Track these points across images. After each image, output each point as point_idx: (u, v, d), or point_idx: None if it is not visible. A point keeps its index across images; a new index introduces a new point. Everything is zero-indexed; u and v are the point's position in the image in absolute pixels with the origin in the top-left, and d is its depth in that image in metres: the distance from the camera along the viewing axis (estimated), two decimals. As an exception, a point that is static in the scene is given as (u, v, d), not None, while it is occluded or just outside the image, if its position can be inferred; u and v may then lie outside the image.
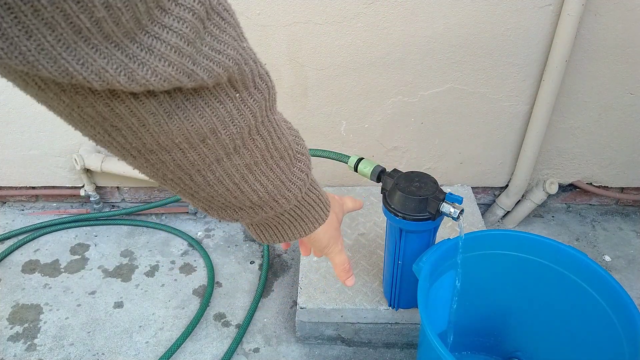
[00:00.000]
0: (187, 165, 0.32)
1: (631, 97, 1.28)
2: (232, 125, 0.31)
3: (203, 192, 0.36)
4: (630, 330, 0.79)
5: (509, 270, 0.96)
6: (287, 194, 0.40)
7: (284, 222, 0.45)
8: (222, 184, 0.35)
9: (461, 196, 0.87)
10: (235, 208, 0.39)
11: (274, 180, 0.38)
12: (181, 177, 0.33)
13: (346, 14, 1.16)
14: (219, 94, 0.30)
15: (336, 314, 1.11)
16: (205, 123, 0.30)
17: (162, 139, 0.29)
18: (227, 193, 0.36)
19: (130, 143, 0.29)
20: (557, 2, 1.12)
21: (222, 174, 0.34)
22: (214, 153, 0.32)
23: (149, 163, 0.32)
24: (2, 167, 1.49)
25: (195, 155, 0.32)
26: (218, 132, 0.31)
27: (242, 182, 0.36)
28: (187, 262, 1.40)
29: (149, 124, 0.28)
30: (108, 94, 0.26)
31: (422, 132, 1.35)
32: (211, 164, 0.33)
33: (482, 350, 1.09)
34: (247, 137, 0.34)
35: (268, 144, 0.36)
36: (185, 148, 0.31)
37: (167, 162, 0.32)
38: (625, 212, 1.56)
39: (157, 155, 0.31)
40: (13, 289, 1.32)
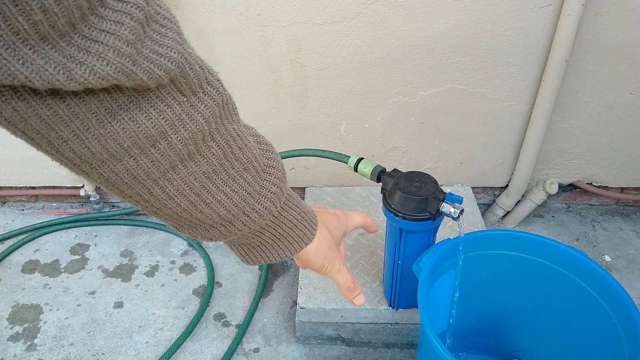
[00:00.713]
0: (142, 175, 0.32)
1: (631, 97, 1.28)
2: (183, 130, 0.31)
3: (166, 207, 0.35)
4: (630, 330, 0.79)
5: (509, 270, 0.96)
6: (258, 208, 0.39)
7: (266, 241, 0.44)
8: (183, 195, 0.34)
9: (461, 196, 0.87)
10: (206, 225, 0.38)
11: (240, 192, 0.37)
12: (139, 191, 0.33)
13: (346, 14, 1.16)
14: (165, 97, 0.30)
15: (336, 314, 1.11)
16: (153, 125, 0.30)
17: (109, 144, 0.29)
18: (191, 207, 0.35)
19: (79, 156, 0.29)
20: (557, 2, 1.12)
21: (181, 183, 0.34)
22: (167, 159, 0.32)
23: (102, 178, 0.31)
24: (2, 167, 1.49)
25: (148, 163, 0.31)
26: (168, 136, 0.31)
27: (204, 192, 0.35)
28: (187, 262, 1.40)
29: (92, 125, 0.28)
30: (49, 95, 0.26)
31: (422, 132, 1.35)
32: (167, 172, 0.32)
33: (482, 351, 1.09)
34: (201, 144, 0.33)
35: (227, 153, 0.35)
36: (136, 154, 0.30)
37: (120, 174, 0.31)
38: (625, 212, 1.56)
39: (108, 166, 0.30)
40: (13, 289, 1.32)
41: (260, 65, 1.24)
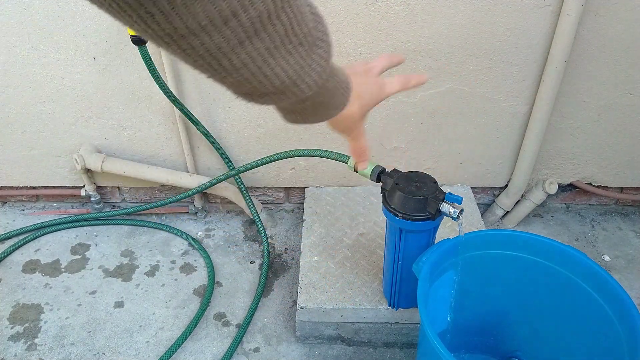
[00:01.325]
0: (214, 49, 0.36)
1: (631, 97, 1.28)
2: (252, 9, 0.34)
3: (230, 77, 0.39)
4: (630, 330, 0.79)
5: (508, 270, 0.96)
6: (307, 80, 0.43)
7: (307, 107, 0.49)
8: (247, 67, 0.38)
9: (461, 196, 0.87)
10: (261, 93, 0.42)
11: (294, 66, 0.41)
12: (210, 62, 0.37)
13: (346, 14, 1.16)
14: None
15: (336, 313, 1.11)
16: (228, 5, 0.33)
17: (189, 21, 0.33)
18: (252, 77, 0.39)
19: (163, 29, 0.33)
20: (557, 2, 1.12)
21: (246, 57, 0.37)
22: (236, 36, 0.35)
23: (181, 49, 0.35)
24: (3, 167, 1.49)
25: (220, 38, 0.35)
26: (240, 15, 0.34)
27: (264, 65, 0.39)
28: (187, 262, 1.41)
29: (177, 4, 0.31)
30: None
31: (422, 132, 1.36)
32: (235, 47, 0.36)
33: (482, 350, 1.09)
34: (267, 22, 0.36)
35: (287, 30, 0.39)
36: (210, 30, 0.34)
37: (196, 47, 0.35)
38: (625, 212, 1.57)
39: (187, 40, 0.34)
40: (14, 289, 1.33)
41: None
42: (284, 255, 1.44)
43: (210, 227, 1.53)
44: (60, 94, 1.32)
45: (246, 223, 1.55)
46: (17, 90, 1.32)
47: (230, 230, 1.52)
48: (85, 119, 1.37)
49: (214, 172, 1.48)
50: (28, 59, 1.27)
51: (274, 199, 1.57)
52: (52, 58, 1.26)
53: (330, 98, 0.49)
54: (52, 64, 1.27)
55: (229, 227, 1.53)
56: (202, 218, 1.56)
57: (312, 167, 1.45)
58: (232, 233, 1.51)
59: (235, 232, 1.51)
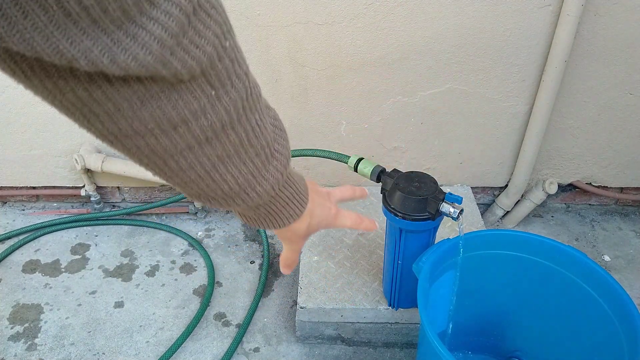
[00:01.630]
0: (160, 151, 0.35)
1: (630, 97, 1.28)
2: (205, 119, 0.34)
3: (177, 177, 0.38)
4: (630, 330, 0.79)
5: (508, 270, 0.96)
6: (258, 189, 0.42)
7: (260, 214, 0.47)
8: (194, 170, 0.38)
9: (461, 196, 0.87)
10: (209, 197, 0.42)
11: (246, 174, 0.40)
12: (156, 162, 0.36)
13: (346, 15, 1.16)
14: (194, 89, 0.32)
15: (336, 313, 1.11)
16: (177, 114, 0.32)
17: (135, 124, 0.32)
18: (199, 180, 0.39)
19: (107, 129, 0.32)
20: (557, 3, 1.12)
21: (194, 160, 0.37)
22: (185, 141, 0.35)
23: (125, 148, 0.35)
24: (3, 167, 1.49)
25: (167, 142, 0.34)
26: (189, 123, 0.33)
27: (214, 170, 0.38)
28: (187, 262, 1.41)
29: (123, 109, 0.31)
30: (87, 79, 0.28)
31: (422, 132, 1.36)
32: (183, 150, 0.36)
33: (482, 350, 1.09)
34: (220, 132, 0.36)
35: (242, 141, 0.38)
36: (157, 134, 0.33)
37: (141, 148, 0.34)
38: (625, 212, 1.57)
39: (132, 140, 0.34)
40: (14, 289, 1.33)
41: (261, 65, 1.24)
42: (284, 255, 1.43)
43: (210, 227, 1.53)
44: (60, 94, 1.32)
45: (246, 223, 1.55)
46: (17, 90, 1.32)
47: (230, 230, 1.52)
48: (85, 119, 1.37)
49: (214, 172, 1.47)
50: (28, 59, 1.26)
51: (274, 199, 1.57)
52: (52, 58, 1.26)
53: (283, 207, 0.47)
54: (52, 64, 1.27)
55: (229, 227, 1.53)
56: (202, 218, 1.56)
57: (312, 167, 1.45)
58: (232, 233, 1.51)
59: (235, 232, 1.51)
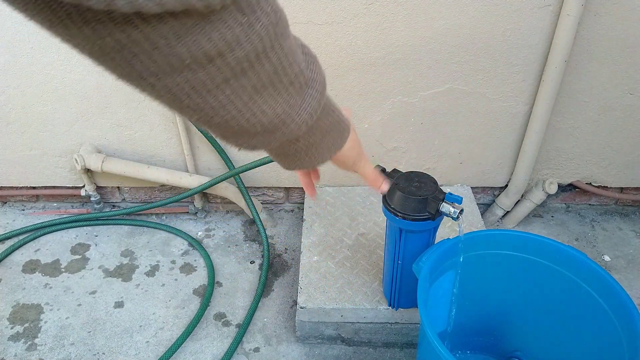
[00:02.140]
0: (199, 86, 0.35)
1: (631, 97, 1.28)
2: (239, 49, 0.34)
3: (217, 116, 0.38)
4: (630, 330, 0.79)
5: (508, 270, 0.96)
6: (297, 119, 0.42)
7: (301, 148, 0.48)
8: (233, 104, 0.38)
9: (461, 196, 0.87)
10: (250, 134, 0.42)
11: (283, 105, 0.41)
12: (195, 100, 0.37)
13: (346, 15, 1.16)
14: (227, 19, 0.32)
15: (336, 313, 1.11)
16: (213, 46, 0.33)
17: (173, 60, 0.32)
18: (239, 116, 0.39)
19: (147, 68, 0.33)
20: (557, 3, 1.12)
21: (232, 94, 0.37)
22: (222, 74, 0.35)
23: (166, 89, 0.35)
24: (3, 167, 1.49)
25: (205, 76, 0.34)
26: (226, 55, 0.34)
27: (251, 103, 0.38)
28: (187, 262, 1.41)
29: (160, 46, 0.31)
30: (124, 20, 0.29)
31: (422, 132, 1.36)
32: (220, 84, 0.36)
33: (482, 350, 1.09)
34: (254, 61, 0.36)
35: (277, 69, 0.38)
36: (195, 69, 0.34)
37: (180, 84, 0.35)
38: (625, 212, 1.57)
39: (171, 77, 0.34)
40: (14, 289, 1.33)
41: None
42: (284, 255, 1.44)
43: (210, 227, 1.53)
44: (60, 94, 1.32)
45: (246, 223, 1.55)
46: (17, 90, 1.32)
47: (230, 230, 1.52)
48: (85, 119, 1.37)
49: (214, 172, 1.48)
50: (28, 59, 1.27)
51: (274, 199, 1.57)
52: (52, 58, 1.26)
53: (323, 137, 0.48)
54: (52, 64, 1.27)
55: (229, 227, 1.53)
56: (202, 218, 1.56)
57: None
58: (232, 233, 1.51)
59: (235, 232, 1.51)
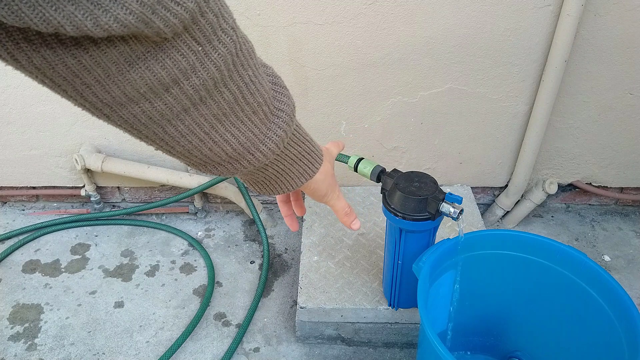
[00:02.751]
0: (157, 116, 0.35)
1: (631, 97, 1.28)
2: (196, 77, 0.34)
3: (178, 145, 0.38)
4: (630, 330, 0.79)
5: (508, 270, 0.96)
6: (262, 148, 0.42)
7: (270, 176, 0.47)
8: (194, 134, 0.37)
9: (461, 196, 0.87)
10: (215, 163, 0.41)
11: (246, 133, 0.40)
12: (154, 130, 0.36)
13: (346, 15, 1.16)
14: (180, 47, 0.32)
15: (336, 313, 1.11)
16: (167, 74, 0.32)
17: (127, 89, 0.32)
18: (201, 145, 0.39)
19: (101, 100, 0.32)
20: (557, 3, 1.12)
21: (192, 123, 0.37)
22: (180, 103, 0.35)
23: (122, 119, 0.35)
24: (3, 167, 1.49)
25: (162, 105, 0.34)
26: (182, 83, 0.33)
27: (213, 131, 0.38)
28: (187, 262, 1.41)
29: (112, 73, 0.31)
30: (74, 44, 0.29)
31: (422, 132, 1.36)
32: (179, 114, 0.35)
33: (482, 350, 1.09)
34: (213, 90, 0.36)
35: (237, 98, 0.38)
36: (151, 98, 0.33)
37: (137, 115, 0.34)
38: (625, 212, 1.57)
39: (127, 108, 0.33)
40: (14, 289, 1.33)
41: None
42: (284, 255, 1.44)
43: (210, 227, 1.53)
44: (60, 94, 1.32)
45: (246, 223, 1.55)
46: (17, 90, 1.32)
47: (230, 230, 1.52)
48: (85, 119, 1.37)
49: (214, 172, 1.47)
50: (28, 59, 1.26)
51: (274, 198, 1.57)
52: (52, 58, 1.26)
53: (292, 166, 0.47)
54: (52, 64, 1.27)
55: (229, 227, 1.53)
56: (202, 218, 1.56)
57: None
58: (232, 233, 1.51)
59: (235, 232, 1.51)
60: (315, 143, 0.51)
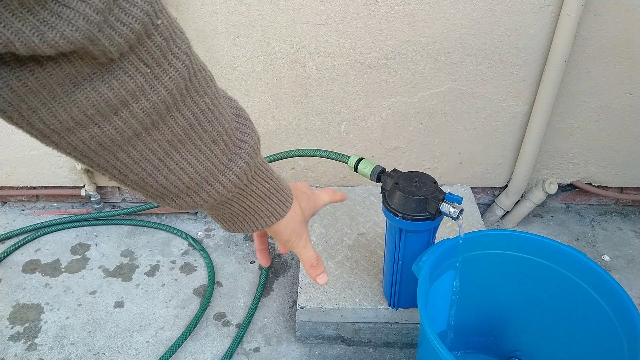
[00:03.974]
0: (107, 142, 0.34)
1: (630, 97, 1.28)
2: (145, 100, 0.33)
3: (132, 173, 0.37)
4: (630, 330, 0.79)
5: (508, 270, 0.96)
6: (222, 179, 0.41)
7: (237, 212, 0.45)
8: (147, 160, 0.36)
9: (461, 196, 0.87)
10: (172, 195, 0.40)
11: (204, 162, 0.39)
12: (105, 157, 0.35)
13: (346, 15, 1.16)
14: (128, 68, 0.31)
15: (336, 313, 1.11)
16: (114, 95, 0.32)
17: (74, 112, 0.31)
18: (156, 172, 0.37)
19: (48, 126, 0.31)
20: (557, 3, 1.12)
21: (145, 149, 0.36)
22: (130, 127, 0.34)
23: (71, 146, 0.34)
24: (3, 167, 1.49)
25: (111, 130, 0.33)
26: (130, 105, 0.33)
27: (167, 158, 0.37)
28: (187, 262, 1.41)
29: (58, 95, 0.30)
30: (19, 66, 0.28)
31: (422, 132, 1.36)
32: (130, 139, 0.34)
33: (482, 350, 1.09)
34: (165, 114, 0.35)
35: (193, 125, 0.37)
36: (99, 122, 0.32)
37: (87, 142, 0.33)
38: (625, 212, 1.57)
39: (75, 134, 0.33)
40: (14, 289, 1.33)
41: (261, 65, 1.24)
42: (284, 255, 1.44)
43: (210, 227, 1.53)
44: (60, 94, 1.32)
45: (246, 223, 1.55)
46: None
47: (230, 230, 1.52)
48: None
49: (214, 172, 1.47)
50: (28, 59, 1.26)
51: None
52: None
53: (261, 203, 0.45)
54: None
55: (229, 227, 1.53)
56: (202, 218, 1.56)
57: (312, 167, 1.45)
58: (232, 233, 1.51)
59: (235, 232, 1.51)
60: (285, 183, 0.49)
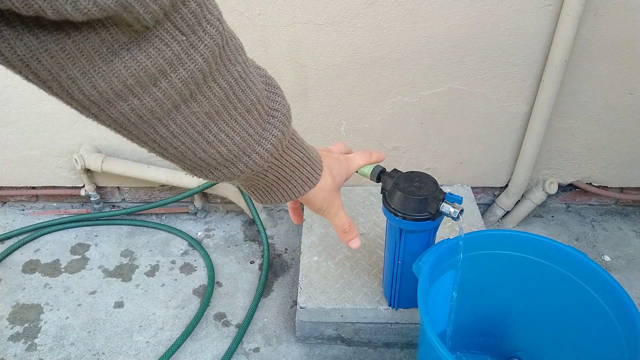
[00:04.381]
0: (147, 115, 0.33)
1: (631, 97, 1.28)
2: (183, 69, 0.33)
3: (171, 147, 0.37)
4: (630, 330, 0.79)
5: (508, 270, 0.96)
6: (258, 149, 0.41)
7: (270, 183, 0.46)
8: (187, 134, 0.36)
9: (461, 196, 0.87)
10: (210, 167, 0.40)
11: (241, 133, 0.39)
12: (145, 130, 0.35)
13: (346, 14, 1.16)
14: (164, 36, 0.31)
15: (336, 313, 1.11)
16: (153, 64, 0.31)
17: (114, 82, 0.31)
18: (195, 146, 0.37)
19: (88, 97, 0.31)
20: (557, 3, 1.12)
21: (184, 122, 0.35)
22: (170, 99, 0.33)
23: (111, 119, 0.34)
24: (3, 167, 1.49)
25: (151, 102, 0.33)
26: (169, 75, 0.32)
27: (206, 131, 0.37)
28: (187, 262, 1.41)
29: (97, 63, 0.30)
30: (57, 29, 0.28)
31: (422, 132, 1.36)
32: (170, 111, 0.34)
33: (482, 350, 1.09)
34: (202, 84, 0.35)
35: (228, 94, 0.37)
36: (139, 93, 0.32)
37: (127, 114, 0.33)
38: (625, 212, 1.57)
39: (115, 107, 0.32)
40: (13, 289, 1.33)
41: (260, 65, 1.24)
42: (284, 255, 1.43)
43: (210, 227, 1.53)
44: (60, 94, 1.32)
45: (246, 223, 1.55)
46: (17, 90, 1.32)
47: (230, 230, 1.52)
48: (85, 119, 1.36)
49: (214, 172, 1.47)
50: (28, 59, 1.26)
51: (274, 199, 1.57)
52: (52, 58, 1.26)
53: (294, 172, 0.46)
54: (52, 64, 1.27)
55: (229, 227, 1.53)
56: (202, 218, 1.56)
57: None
58: (232, 233, 1.51)
59: (235, 232, 1.51)
60: (316, 152, 0.49)
